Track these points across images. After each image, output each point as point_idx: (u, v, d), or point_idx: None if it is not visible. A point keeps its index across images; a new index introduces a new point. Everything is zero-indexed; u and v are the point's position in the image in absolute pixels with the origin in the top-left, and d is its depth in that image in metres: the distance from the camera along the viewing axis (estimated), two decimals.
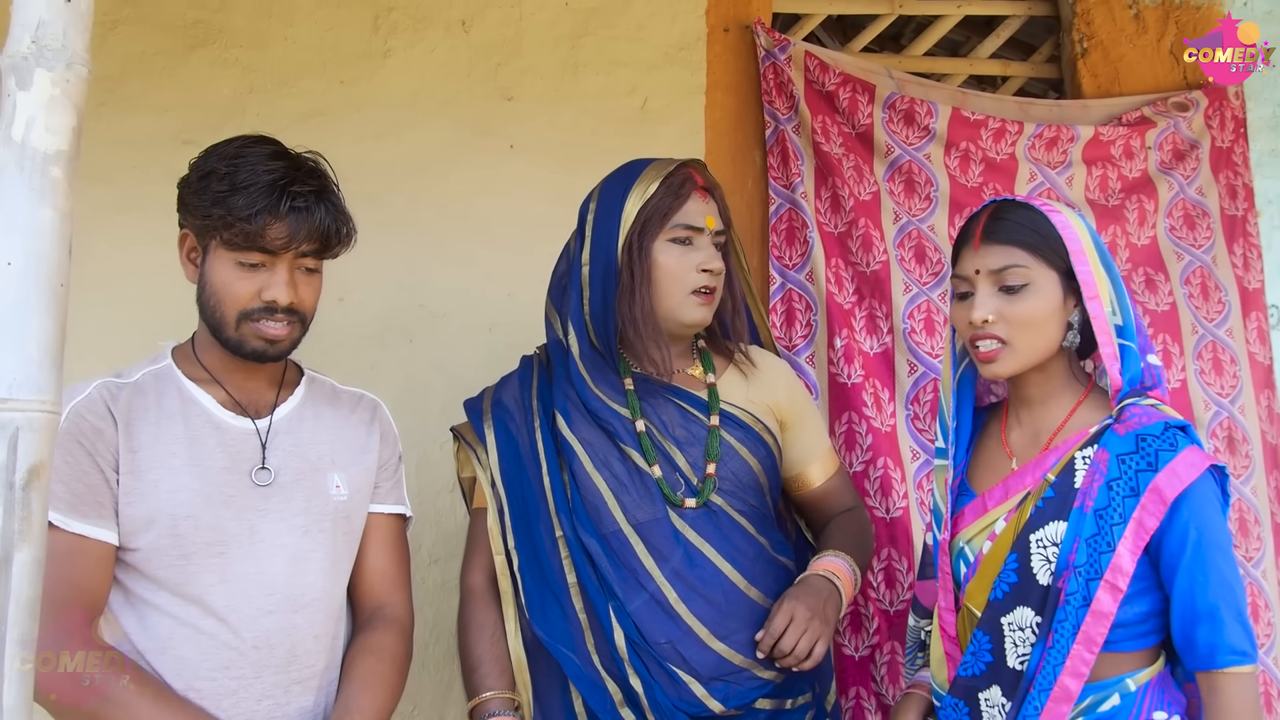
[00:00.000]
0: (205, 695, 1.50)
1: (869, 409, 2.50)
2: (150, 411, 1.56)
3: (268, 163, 1.55)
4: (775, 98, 2.66)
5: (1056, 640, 1.51)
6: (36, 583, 0.91)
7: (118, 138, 2.34)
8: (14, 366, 0.91)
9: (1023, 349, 1.61)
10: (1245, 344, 2.71)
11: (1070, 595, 1.50)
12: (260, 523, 1.56)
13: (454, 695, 2.36)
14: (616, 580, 1.76)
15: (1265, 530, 2.61)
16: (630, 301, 1.83)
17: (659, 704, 1.71)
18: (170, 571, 1.50)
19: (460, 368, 2.30)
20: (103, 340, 2.11)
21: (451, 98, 2.55)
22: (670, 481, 1.82)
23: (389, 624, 1.69)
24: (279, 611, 1.55)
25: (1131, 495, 1.49)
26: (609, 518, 1.79)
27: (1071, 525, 1.52)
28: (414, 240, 2.46)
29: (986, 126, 2.72)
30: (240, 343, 1.58)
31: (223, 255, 1.56)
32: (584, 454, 1.83)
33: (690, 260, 1.83)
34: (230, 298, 1.56)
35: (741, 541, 1.82)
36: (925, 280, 2.63)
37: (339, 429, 1.72)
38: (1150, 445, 1.50)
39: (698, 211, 1.85)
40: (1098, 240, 1.64)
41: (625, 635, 1.73)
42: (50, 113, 0.96)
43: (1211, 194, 2.80)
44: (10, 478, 0.90)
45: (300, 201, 1.55)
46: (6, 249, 0.92)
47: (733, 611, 1.77)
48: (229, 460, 1.58)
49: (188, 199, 1.57)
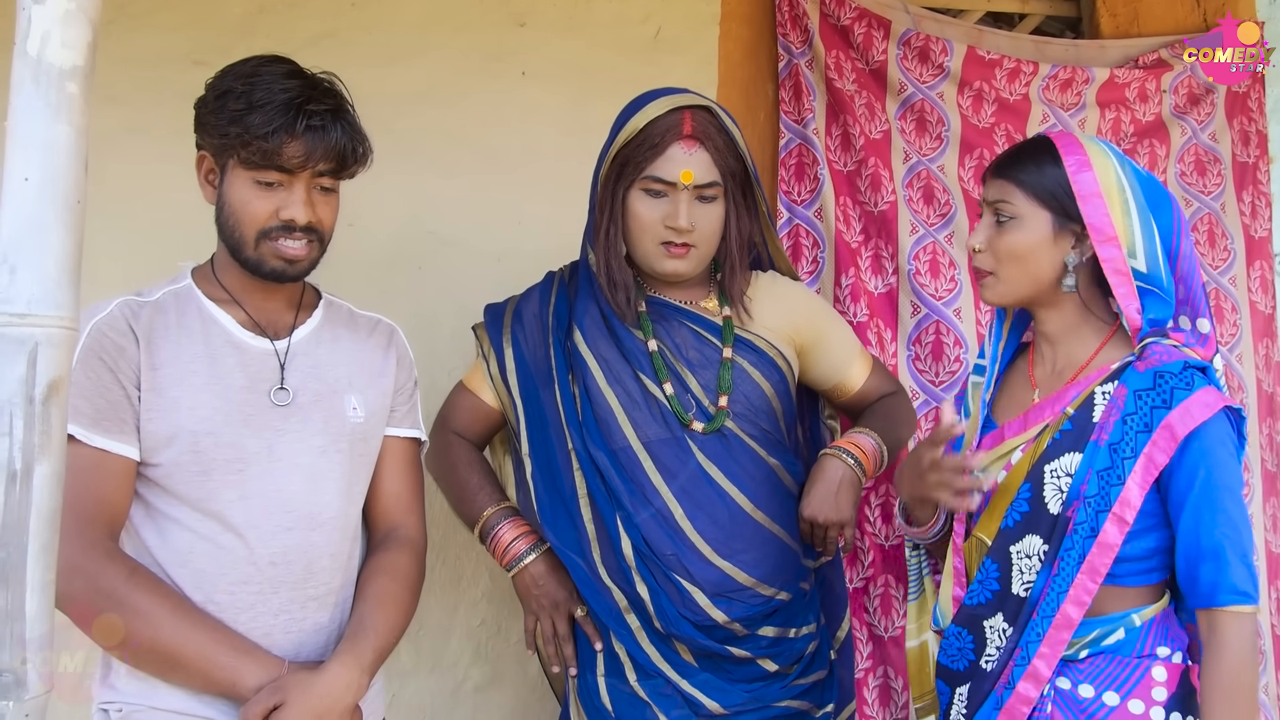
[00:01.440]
0: (223, 608, 1.53)
1: (874, 347, 2.52)
2: (171, 330, 1.57)
3: (284, 81, 1.55)
4: (790, 30, 2.63)
5: (1062, 568, 1.55)
6: (57, 495, 0.94)
7: (126, 56, 2.31)
8: (32, 283, 0.92)
9: (1007, 279, 1.66)
10: (1248, 292, 2.71)
11: (1079, 525, 1.54)
12: (278, 441, 1.59)
13: (459, 617, 2.41)
14: (625, 493, 1.81)
15: (1255, 477, 2.64)
16: (598, 240, 1.86)
17: (665, 612, 1.77)
18: (190, 487, 1.53)
19: (468, 296, 2.30)
20: (116, 262, 2.11)
21: (464, 23, 2.52)
22: (682, 402, 1.85)
23: (403, 544, 1.73)
24: (296, 529, 1.58)
25: (1144, 431, 1.52)
26: (619, 434, 1.83)
27: (1086, 457, 1.55)
28: (424, 167, 2.45)
29: (1001, 66, 2.69)
30: (259, 262, 1.59)
31: (240, 175, 1.56)
32: (598, 370, 1.86)
33: (659, 213, 1.81)
34: (249, 217, 1.57)
35: (750, 464, 1.86)
36: (932, 221, 2.62)
37: (356, 352, 1.74)
38: (1167, 383, 1.52)
39: (674, 164, 1.79)
40: (1137, 182, 1.63)
41: (633, 545, 1.79)
42: (66, 27, 0.95)
43: (1224, 140, 2.78)
44: (30, 392, 0.91)
45: (316, 120, 1.55)
46: (24, 164, 0.93)
47: (737, 532, 1.82)
48: (248, 380, 1.59)
49: (205, 118, 1.57)
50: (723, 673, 1.80)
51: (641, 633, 1.80)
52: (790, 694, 1.84)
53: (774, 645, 1.84)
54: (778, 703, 1.82)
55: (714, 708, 1.77)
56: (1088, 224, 1.59)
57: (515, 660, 2.43)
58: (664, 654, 1.79)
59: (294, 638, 1.58)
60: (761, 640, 1.83)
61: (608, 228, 1.85)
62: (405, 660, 2.37)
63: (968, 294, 2.57)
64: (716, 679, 1.79)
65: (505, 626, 2.43)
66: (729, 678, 1.80)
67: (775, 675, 1.84)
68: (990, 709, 1.59)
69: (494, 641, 2.43)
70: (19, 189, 0.92)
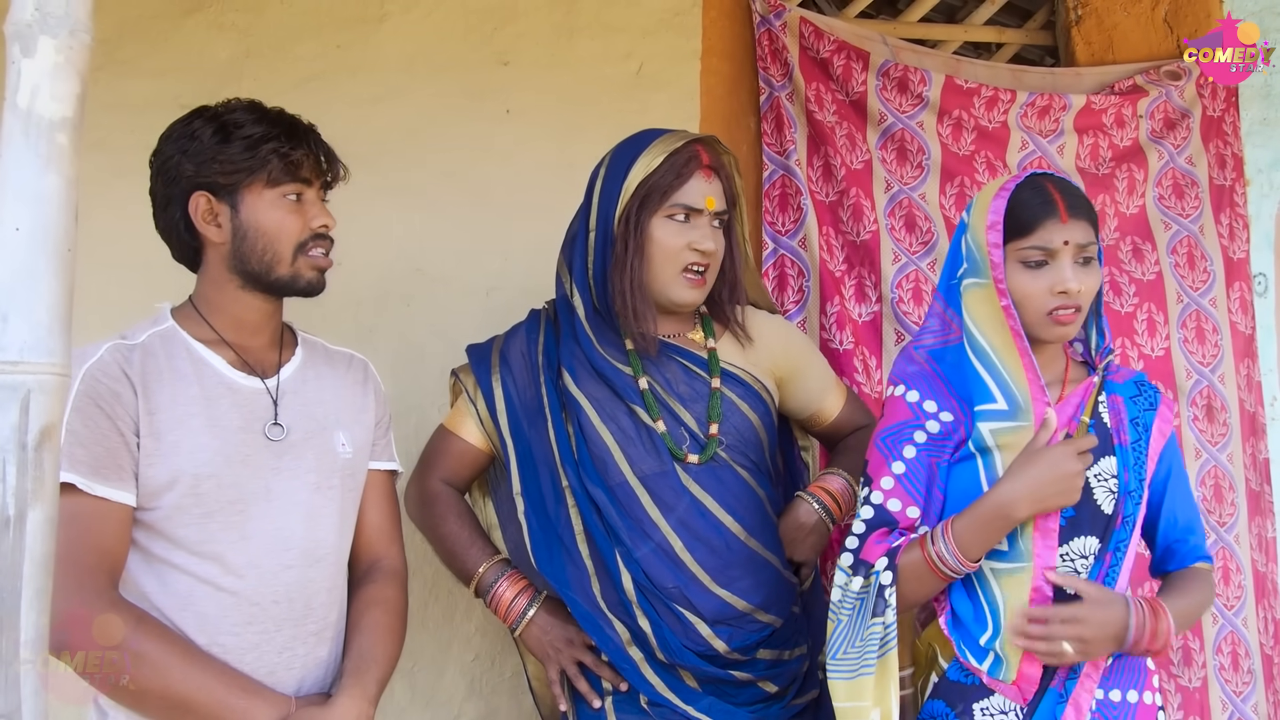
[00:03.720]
0: (229, 650, 1.54)
1: (859, 374, 2.54)
2: (164, 373, 1.58)
3: (256, 109, 1.65)
4: (770, 64, 2.66)
5: (1114, 560, 1.68)
6: (50, 540, 0.94)
7: (115, 102, 2.34)
8: (24, 330, 0.93)
9: (1083, 314, 1.71)
10: (1228, 313, 2.74)
11: (1127, 517, 1.70)
12: (275, 481, 1.60)
13: (453, 652, 2.41)
14: (624, 529, 1.83)
15: (1240, 496, 2.66)
16: (622, 273, 1.86)
17: (668, 643, 1.79)
18: (191, 530, 1.53)
19: (457, 331, 2.31)
20: (103, 305, 2.12)
21: (447, 62, 2.55)
22: (675, 436, 1.87)
23: (388, 576, 1.76)
24: (296, 566, 1.60)
25: (1145, 431, 1.76)
26: (615, 470, 1.85)
27: (1119, 459, 1.71)
28: (411, 205, 2.48)
29: (979, 94, 2.73)
30: (294, 278, 1.65)
31: (264, 196, 1.62)
32: (591, 409, 1.88)
33: (684, 238, 1.85)
34: (286, 233, 1.63)
35: (743, 493, 1.89)
36: (915, 249, 2.65)
37: (338, 389, 1.76)
38: (1147, 389, 1.80)
39: (699, 191, 1.85)
40: None
41: (633, 579, 1.81)
42: (55, 80, 0.97)
43: (1201, 163, 2.82)
44: (23, 439, 0.92)
45: (310, 135, 1.67)
46: (14, 215, 0.94)
47: (733, 560, 1.84)
48: (243, 420, 1.60)
49: (204, 156, 1.60)
50: (726, 697, 1.82)
51: (645, 664, 1.81)
52: (789, 714, 1.87)
53: (772, 667, 1.86)
54: None
55: None
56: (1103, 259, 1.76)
57: (509, 695, 2.42)
58: (668, 683, 1.81)
59: (296, 674, 1.59)
60: (760, 663, 1.85)
61: (631, 260, 1.86)
62: (400, 696, 2.36)
63: None
64: (720, 703, 1.81)
65: (499, 661, 2.43)
66: (733, 701, 1.82)
67: (775, 696, 1.86)
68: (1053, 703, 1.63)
69: (488, 676, 2.43)
70: (10, 239, 0.94)
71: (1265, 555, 2.71)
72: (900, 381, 1.79)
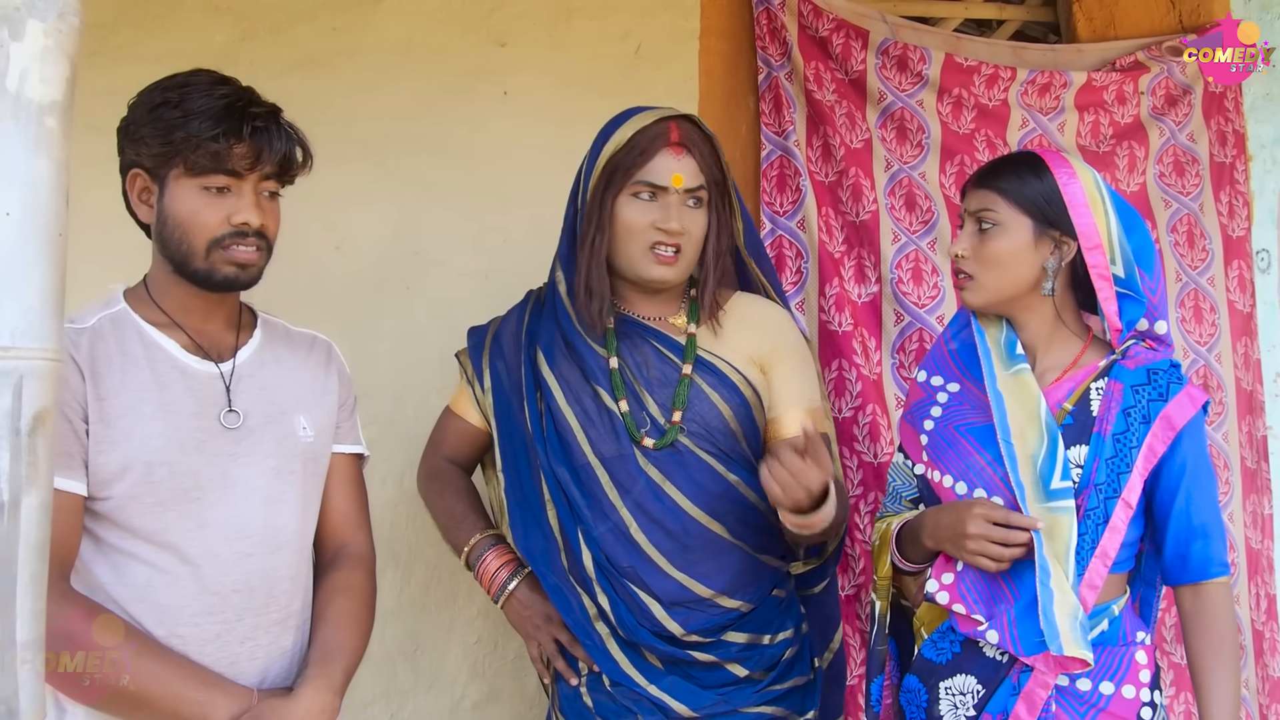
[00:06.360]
0: (188, 641, 1.50)
1: (858, 356, 2.53)
2: (114, 358, 1.52)
3: (217, 88, 1.53)
4: (768, 43, 2.65)
5: (1077, 553, 1.62)
6: (45, 525, 0.94)
7: (111, 87, 2.31)
8: (16, 315, 0.93)
9: (988, 283, 1.74)
10: (1226, 292, 2.74)
11: (1090, 511, 1.64)
12: (232, 467, 1.55)
13: (455, 635, 2.42)
14: (585, 508, 1.84)
15: (1235, 475, 2.67)
16: (584, 251, 1.86)
17: (624, 622, 1.81)
18: (146, 519, 1.48)
19: (457, 314, 2.31)
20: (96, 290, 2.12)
21: (445, 44, 2.54)
22: (636, 419, 1.86)
23: (354, 562, 1.71)
24: (256, 554, 1.55)
25: (1144, 422, 1.66)
26: (578, 451, 1.86)
27: (1092, 448, 1.66)
28: (409, 187, 2.47)
29: (979, 72, 2.72)
30: (210, 272, 1.54)
31: (185, 184, 1.52)
32: (558, 390, 1.89)
33: (648, 217, 1.82)
34: (199, 226, 1.52)
35: (706, 480, 1.85)
36: (915, 229, 2.64)
37: (299, 371, 1.70)
38: (1161, 378, 1.68)
39: (665, 169, 1.82)
40: (1111, 197, 1.76)
41: (593, 557, 1.83)
42: (44, 63, 0.96)
43: (1202, 140, 2.81)
44: (16, 424, 0.92)
45: (260, 122, 1.53)
46: (4, 200, 0.93)
47: (692, 544, 1.83)
48: (197, 405, 1.55)
49: (137, 133, 1.53)
50: (689, 678, 1.82)
51: (610, 640, 1.82)
52: (764, 699, 1.84)
53: (745, 650, 1.84)
54: (750, 708, 1.83)
55: (682, 710, 1.79)
56: (1079, 231, 1.70)
57: (512, 676, 2.44)
58: (632, 660, 1.82)
59: (260, 664, 1.56)
60: (731, 646, 1.84)
61: (594, 237, 1.85)
62: (403, 680, 2.37)
63: (951, 301, 2.58)
64: (683, 683, 1.81)
65: (501, 643, 2.44)
66: (697, 682, 1.82)
67: (746, 680, 1.84)
68: (1006, 695, 1.65)
69: (490, 658, 2.44)
70: (1, 223, 0.94)
71: (1261, 532, 2.71)
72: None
